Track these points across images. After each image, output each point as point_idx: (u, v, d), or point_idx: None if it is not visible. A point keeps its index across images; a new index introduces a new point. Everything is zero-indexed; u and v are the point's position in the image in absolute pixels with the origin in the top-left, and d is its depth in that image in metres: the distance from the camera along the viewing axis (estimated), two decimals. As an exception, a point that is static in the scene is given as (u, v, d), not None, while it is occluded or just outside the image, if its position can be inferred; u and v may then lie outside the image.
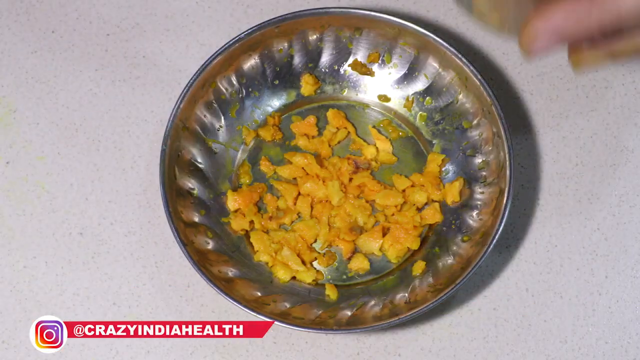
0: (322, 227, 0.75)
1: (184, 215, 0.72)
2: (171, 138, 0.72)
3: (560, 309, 0.75)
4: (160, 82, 0.80)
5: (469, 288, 0.75)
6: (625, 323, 0.75)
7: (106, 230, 0.77)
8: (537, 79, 0.80)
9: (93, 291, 0.75)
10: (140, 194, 0.78)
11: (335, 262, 0.75)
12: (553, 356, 0.74)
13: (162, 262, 0.76)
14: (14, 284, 0.76)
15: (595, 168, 0.78)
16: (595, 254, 0.76)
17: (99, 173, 0.78)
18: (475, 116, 0.74)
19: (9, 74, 0.80)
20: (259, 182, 0.77)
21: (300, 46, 0.76)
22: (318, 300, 0.73)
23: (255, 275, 0.74)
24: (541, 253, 0.76)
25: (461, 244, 0.73)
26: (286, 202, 0.76)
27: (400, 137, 0.78)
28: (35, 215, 0.77)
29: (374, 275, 0.75)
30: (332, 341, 0.74)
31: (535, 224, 0.77)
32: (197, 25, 0.82)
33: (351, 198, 0.76)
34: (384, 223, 0.75)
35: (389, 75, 0.78)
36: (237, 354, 0.74)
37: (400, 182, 0.76)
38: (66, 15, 0.82)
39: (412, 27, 0.72)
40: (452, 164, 0.76)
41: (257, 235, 0.75)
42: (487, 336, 0.75)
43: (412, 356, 0.74)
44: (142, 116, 0.80)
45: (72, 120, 0.79)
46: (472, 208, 0.74)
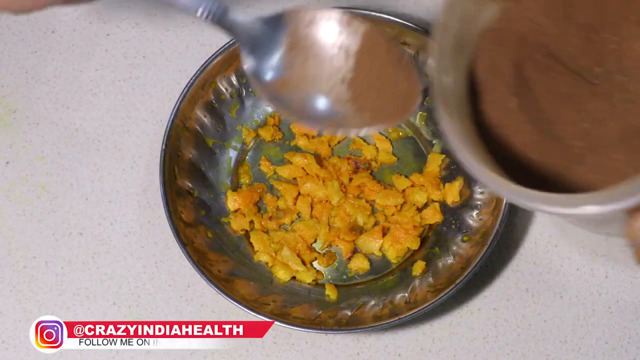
0: (322, 227, 0.75)
1: (184, 215, 0.72)
2: (171, 138, 0.72)
3: (560, 309, 0.75)
4: (160, 82, 0.80)
5: (469, 288, 0.75)
6: (625, 323, 0.75)
7: (106, 230, 0.77)
8: (537, 79, 0.80)
9: (93, 291, 0.75)
10: (140, 194, 0.77)
11: (335, 262, 0.75)
12: (553, 356, 0.74)
13: (162, 262, 0.76)
14: (14, 284, 0.76)
15: (595, 168, 0.78)
16: (595, 254, 0.76)
17: (99, 173, 0.78)
18: (475, 116, 0.74)
19: (9, 74, 0.80)
20: (259, 182, 0.77)
21: (300, 46, 0.76)
22: (318, 300, 0.73)
23: (255, 275, 0.74)
24: (541, 253, 0.76)
25: (461, 244, 0.73)
26: (286, 202, 0.76)
27: (400, 137, 0.78)
28: (35, 215, 0.77)
29: (374, 275, 0.75)
30: (332, 341, 0.74)
31: (535, 224, 0.77)
32: (197, 25, 0.82)
33: (351, 198, 0.76)
34: (384, 223, 0.75)
35: (389, 75, 0.78)
36: (237, 354, 0.74)
37: (400, 182, 0.76)
38: (66, 15, 0.82)
39: (412, 27, 0.72)
40: (452, 164, 0.76)
41: (257, 235, 0.75)
42: (487, 336, 0.75)
43: (412, 356, 0.74)
44: (142, 116, 0.80)
45: (72, 120, 0.79)
46: (472, 208, 0.74)
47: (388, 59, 0.54)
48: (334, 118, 0.54)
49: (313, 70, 0.55)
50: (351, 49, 0.55)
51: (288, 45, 0.54)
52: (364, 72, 0.54)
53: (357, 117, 0.54)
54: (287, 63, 0.55)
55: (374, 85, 0.54)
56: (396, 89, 0.54)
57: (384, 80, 0.54)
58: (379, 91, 0.54)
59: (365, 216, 0.75)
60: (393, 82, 0.54)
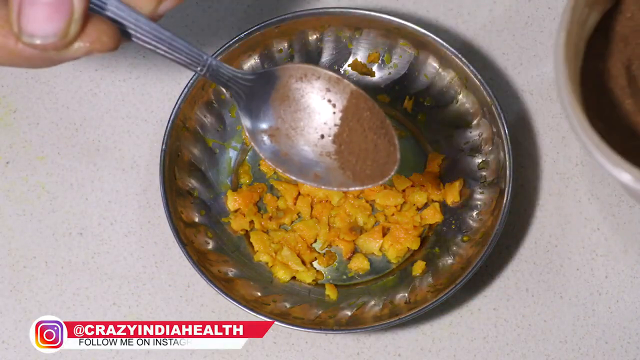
0: (322, 227, 0.75)
1: (184, 215, 0.72)
2: (171, 138, 0.72)
3: (560, 309, 0.75)
4: (160, 82, 0.80)
5: (469, 288, 0.75)
6: (625, 323, 0.75)
7: (106, 230, 0.77)
8: (537, 79, 0.80)
9: (93, 291, 0.75)
10: (140, 194, 0.78)
11: (335, 262, 0.75)
12: (553, 356, 0.74)
13: (162, 262, 0.76)
14: (14, 284, 0.76)
15: (596, 168, 0.78)
16: (595, 254, 0.76)
17: (99, 173, 0.78)
18: (475, 116, 0.74)
19: (9, 74, 0.80)
20: (259, 182, 0.77)
21: (300, 46, 0.76)
22: (318, 300, 0.73)
23: (255, 275, 0.74)
24: (541, 253, 0.76)
25: (461, 244, 0.73)
26: (286, 202, 0.76)
27: (400, 137, 0.78)
28: (35, 215, 0.77)
29: (374, 275, 0.75)
30: (332, 341, 0.74)
31: (535, 224, 0.77)
32: (197, 25, 0.82)
33: (351, 198, 0.76)
34: (384, 223, 0.75)
35: (389, 75, 0.78)
36: (237, 354, 0.74)
37: (400, 182, 0.76)
38: (66, 15, 0.82)
39: (412, 27, 0.72)
40: (452, 164, 0.76)
41: (257, 235, 0.75)
42: (487, 336, 0.75)
43: (412, 356, 0.74)
44: (142, 116, 0.80)
45: (72, 120, 0.79)
46: (472, 208, 0.74)
47: (372, 122, 0.57)
48: (319, 170, 0.57)
49: (302, 121, 0.58)
50: (338, 106, 0.58)
51: (280, 97, 0.58)
52: (348, 130, 0.57)
53: (340, 173, 0.57)
54: (278, 113, 0.58)
55: (357, 145, 0.57)
56: (377, 154, 0.57)
57: (366, 143, 0.57)
58: (361, 151, 0.57)
59: (365, 216, 0.75)
60: (374, 146, 0.57)
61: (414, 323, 0.74)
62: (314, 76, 0.58)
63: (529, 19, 0.82)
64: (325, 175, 0.58)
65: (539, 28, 0.82)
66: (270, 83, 0.58)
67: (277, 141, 0.58)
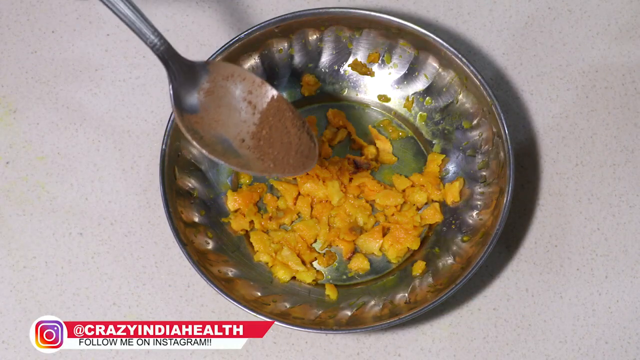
0: (322, 227, 0.75)
1: (184, 215, 0.72)
2: (171, 138, 0.72)
3: (560, 309, 0.75)
4: (160, 82, 0.80)
5: (469, 288, 0.75)
6: (625, 323, 0.75)
7: (106, 230, 0.77)
8: (537, 79, 0.80)
9: (93, 291, 0.75)
10: (140, 194, 0.78)
11: (335, 262, 0.75)
12: (553, 356, 0.74)
13: (162, 262, 0.76)
14: (14, 284, 0.76)
15: (595, 168, 0.78)
16: (595, 254, 0.76)
17: (99, 173, 0.78)
18: (475, 116, 0.74)
19: (9, 74, 0.81)
20: (259, 182, 0.77)
21: (300, 46, 0.76)
22: (318, 300, 0.73)
23: (255, 275, 0.74)
24: (541, 253, 0.76)
25: (461, 244, 0.73)
26: (286, 202, 0.76)
27: (400, 137, 0.78)
28: (35, 215, 0.77)
29: (374, 275, 0.75)
30: (332, 341, 0.74)
31: (535, 224, 0.77)
32: (197, 25, 0.82)
33: (351, 198, 0.76)
34: (384, 223, 0.75)
35: (389, 75, 0.78)
36: (237, 354, 0.74)
37: (400, 182, 0.76)
38: (66, 15, 0.82)
39: (412, 27, 0.72)
40: (452, 164, 0.76)
41: (257, 235, 0.75)
42: (487, 336, 0.75)
43: (412, 356, 0.74)
44: (142, 116, 0.80)
45: (72, 120, 0.79)
46: (472, 208, 0.74)
47: (292, 122, 0.64)
48: (238, 158, 0.63)
49: (223, 116, 0.64)
50: (258, 107, 0.64)
51: (206, 90, 0.63)
52: (267, 129, 0.63)
53: (258, 163, 0.63)
54: (203, 104, 0.63)
55: (279, 139, 0.63)
56: (300, 146, 0.63)
57: (289, 137, 0.63)
58: (284, 144, 0.63)
59: (365, 216, 0.75)
60: (298, 139, 0.63)
61: (414, 323, 0.75)
62: (239, 77, 0.64)
63: (529, 19, 0.82)
64: (246, 163, 0.63)
65: (539, 28, 0.82)
66: (202, 75, 0.63)
67: (201, 128, 0.63)
